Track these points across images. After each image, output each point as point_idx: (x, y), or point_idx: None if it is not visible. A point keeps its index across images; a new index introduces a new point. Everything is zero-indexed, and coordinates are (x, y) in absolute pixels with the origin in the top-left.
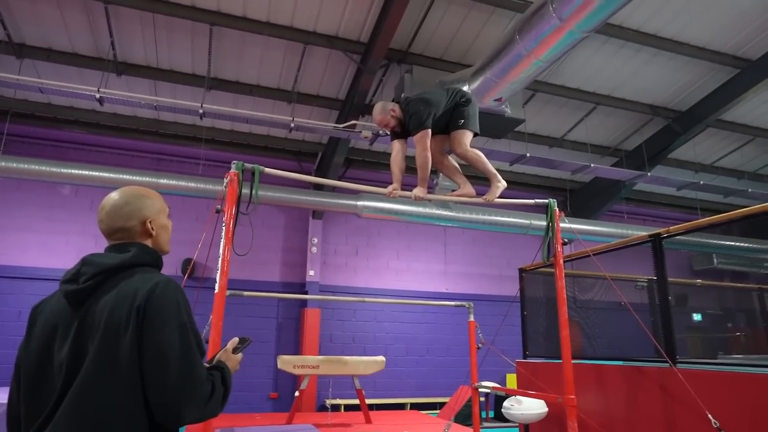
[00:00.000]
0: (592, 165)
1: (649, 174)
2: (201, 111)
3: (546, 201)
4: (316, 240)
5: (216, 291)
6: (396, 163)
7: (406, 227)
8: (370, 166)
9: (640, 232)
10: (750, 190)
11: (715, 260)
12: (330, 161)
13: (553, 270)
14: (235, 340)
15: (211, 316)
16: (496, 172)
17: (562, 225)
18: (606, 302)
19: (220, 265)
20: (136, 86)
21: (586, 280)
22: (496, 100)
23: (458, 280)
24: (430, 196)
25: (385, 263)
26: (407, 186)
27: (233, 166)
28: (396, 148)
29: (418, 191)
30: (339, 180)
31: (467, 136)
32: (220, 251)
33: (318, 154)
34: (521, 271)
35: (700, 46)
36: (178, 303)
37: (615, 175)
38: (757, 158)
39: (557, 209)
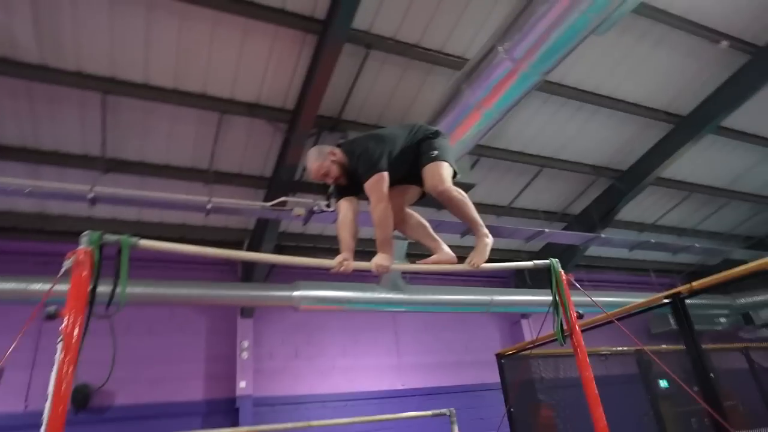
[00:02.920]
0: (546, 230)
1: (603, 236)
2: (91, 195)
3: (547, 262)
4: (246, 344)
5: None
6: (345, 227)
7: (351, 318)
8: (304, 252)
9: (610, 298)
10: (697, 245)
11: (672, 322)
12: (257, 249)
13: (531, 352)
14: None
15: None
16: (481, 221)
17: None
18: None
19: (45, 420)
20: (10, 173)
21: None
22: None
23: (413, 372)
24: (397, 265)
25: (331, 363)
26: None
27: (82, 239)
28: (343, 208)
29: (380, 259)
30: (270, 272)
31: (446, 168)
32: (50, 388)
33: (244, 243)
34: (499, 357)
35: (636, 103)
36: None
37: (569, 240)
38: (695, 213)
39: (562, 271)
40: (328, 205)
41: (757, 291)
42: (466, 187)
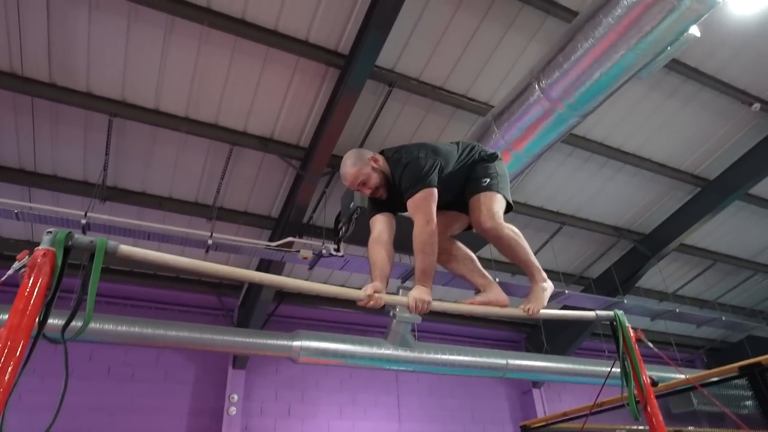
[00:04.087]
0: (566, 292)
1: (625, 302)
2: (84, 221)
3: (610, 314)
4: (236, 397)
5: None
6: (378, 247)
7: (351, 375)
8: (307, 300)
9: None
10: (724, 318)
11: (694, 402)
12: (258, 294)
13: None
14: None
15: None
16: (539, 265)
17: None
18: None
19: None
20: (2, 194)
21: None
22: None
23: None
24: (438, 304)
25: (326, 424)
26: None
27: (44, 238)
28: (378, 225)
29: (420, 292)
30: (267, 321)
31: (498, 202)
32: None
33: (243, 287)
34: (525, 429)
35: (662, 163)
36: None
37: (588, 304)
38: (718, 284)
39: (630, 326)
40: (337, 249)
41: None
42: (482, 241)
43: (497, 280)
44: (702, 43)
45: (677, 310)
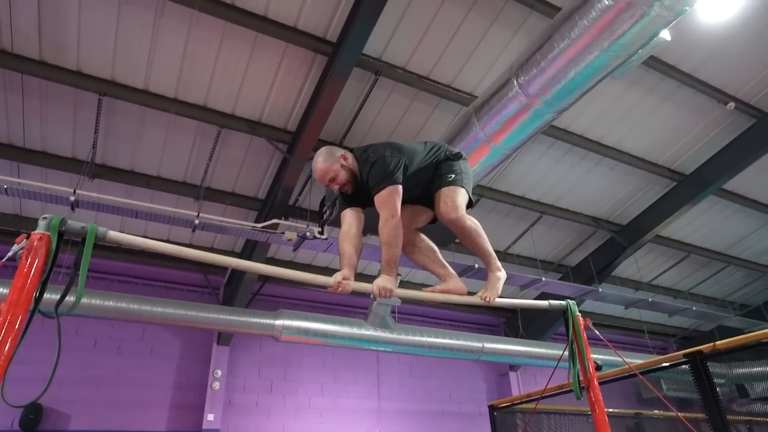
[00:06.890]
0: (543, 279)
1: (600, 290)
2: (73, 198)
3: (563, 303)
4: (219, 373)
5: None
6: (348, 239)
7: (333, 354)
8: (291, 281)
9: (607, 357)
10: (694, 308)
11: (664, 387)
12: (243, 274)
13: (532, 405)
14: None
15: None
16: (495, 255)
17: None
18: None
19: None
20: None
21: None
22: None
23: (394, 419)
24: (401, 291)
25: (307, 400)
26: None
27: (40, 223)
28: (348, 219)
29: (384, 281)
30: (252, 300)
31: (461, 195)
32: None
33: (228, 267)
34: (492, 409)
35: (640, 157)
36: None
37: (565, 291)
38: (692, 276)
39: (579, 314)
40: (321, 232)
41: (756, 362)
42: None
43: (476, 266)
44: (679, 43)
45: (650, 299)
